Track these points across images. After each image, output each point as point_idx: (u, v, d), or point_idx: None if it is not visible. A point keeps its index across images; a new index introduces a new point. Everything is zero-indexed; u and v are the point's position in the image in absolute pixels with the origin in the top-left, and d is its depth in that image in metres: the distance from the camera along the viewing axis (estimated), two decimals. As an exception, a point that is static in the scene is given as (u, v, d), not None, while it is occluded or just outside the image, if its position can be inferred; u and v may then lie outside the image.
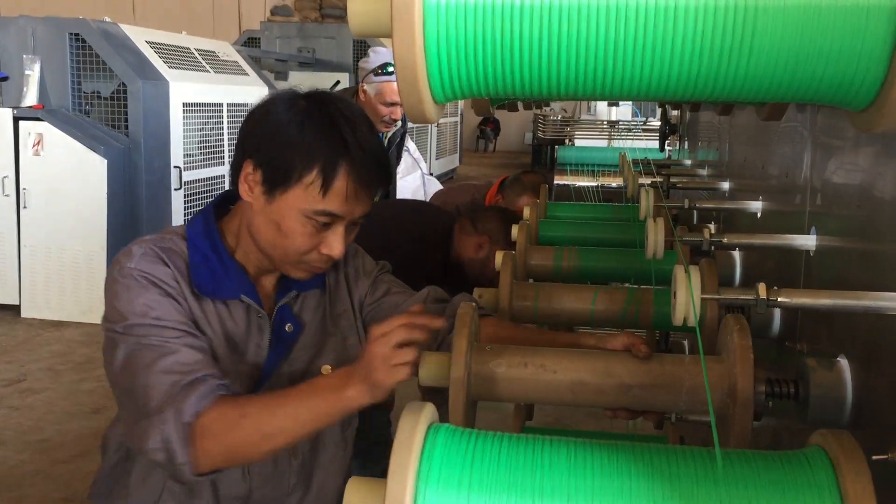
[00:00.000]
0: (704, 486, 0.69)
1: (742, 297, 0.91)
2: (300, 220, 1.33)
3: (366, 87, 3.51)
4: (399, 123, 3.68)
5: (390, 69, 3.43)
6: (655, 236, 1.40)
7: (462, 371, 1.06)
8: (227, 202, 1.49)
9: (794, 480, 0.67)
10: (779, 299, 0.88)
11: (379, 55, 3.53)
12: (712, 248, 1.89)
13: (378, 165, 1.36)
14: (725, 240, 1.43)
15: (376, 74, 3.47)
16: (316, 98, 1.38)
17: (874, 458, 0.86)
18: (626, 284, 2.01)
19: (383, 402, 1.31)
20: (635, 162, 2.80)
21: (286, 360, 1.47)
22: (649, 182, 2.28)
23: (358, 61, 4.14)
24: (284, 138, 1.32)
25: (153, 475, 1.43)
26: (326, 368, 1.48)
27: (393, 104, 3.47)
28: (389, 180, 1.42)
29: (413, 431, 0.76)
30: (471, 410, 1.13)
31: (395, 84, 3.45)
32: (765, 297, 0.88)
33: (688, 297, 0.88)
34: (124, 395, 1.30)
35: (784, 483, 0.67)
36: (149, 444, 1.21)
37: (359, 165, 1.32)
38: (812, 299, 0.90)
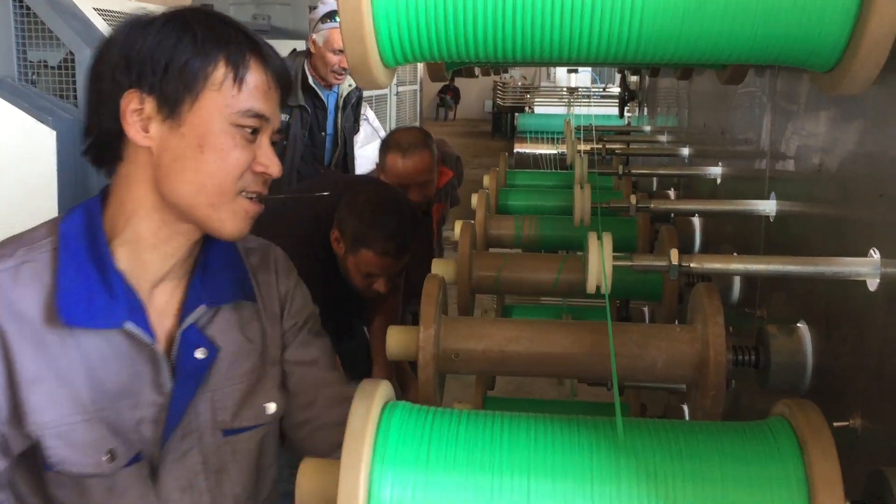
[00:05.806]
0: (669, 459, 0.67)
1: (655, 263, 0.92)
2: (226, 129, 1.09)
3: (314, 36, 3.48)
4: (353, 82, 3.67)
5: (338, 17, 3.41)
6: (582, 203, 1.40)
7: (431, 344, 1.04)
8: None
9: (757, 452, 0.66)
10: (691, 265, 0.90)
11: (327, 5, 3.50)
12: (672, 215, 1.88)
13: (284, 69, 1.17)
14: (652, 205, 1.42)
15: (323, 22, 3.44)
16: (189, 10, 1.15)
17: (835, 424, 0.86)
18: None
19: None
20: (588, 129, 2.79)
21: (201, 397, 1.17)
22: (588, 149, 2.29)
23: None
24: (171, 46, 1.08)
25: None
26: (270, 407, 1.24)
27: (342, 51, 3.44)
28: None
29: (368, 410, 0.73)
30: (440, 383, 1.12)
31: None
32: (677, 264, 0.90)
33: (599, 263, 0.88)
34: None
35: (748, 455, 0.66)
36: None
37: (267, 56, 1.13)
38: (723, 264, 0.92)
